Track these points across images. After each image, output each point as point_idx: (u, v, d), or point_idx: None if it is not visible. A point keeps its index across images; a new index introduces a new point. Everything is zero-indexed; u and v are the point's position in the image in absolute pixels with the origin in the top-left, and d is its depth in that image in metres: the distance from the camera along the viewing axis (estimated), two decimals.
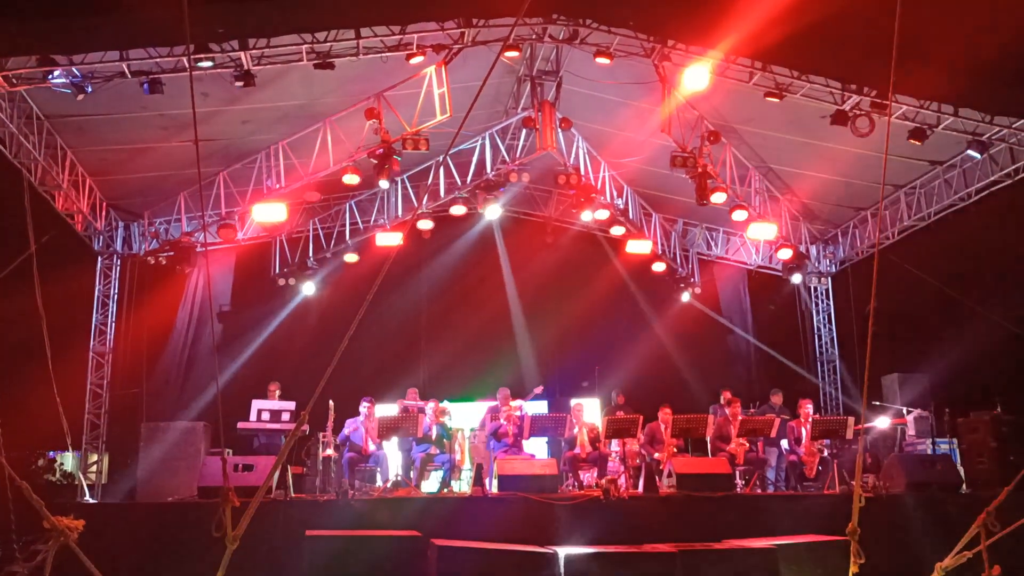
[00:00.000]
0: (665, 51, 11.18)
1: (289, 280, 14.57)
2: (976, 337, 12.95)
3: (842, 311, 16.41)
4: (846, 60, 10.59)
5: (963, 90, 10.78)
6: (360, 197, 14.52)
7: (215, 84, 10.46)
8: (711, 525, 8.75)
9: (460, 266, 15.48)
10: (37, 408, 10.62)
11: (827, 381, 16.37)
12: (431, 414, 11.11)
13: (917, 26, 4.90)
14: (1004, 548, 4.01)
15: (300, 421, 3.80)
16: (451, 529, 8.11)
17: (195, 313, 14.33)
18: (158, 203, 13.42)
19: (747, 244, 16.49)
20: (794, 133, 12.83)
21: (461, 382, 14.39)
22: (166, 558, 7.97)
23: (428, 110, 11.43)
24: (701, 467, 9.95)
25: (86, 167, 12.18)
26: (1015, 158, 12.10)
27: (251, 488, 6.00)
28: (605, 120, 13.42)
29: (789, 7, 8.55)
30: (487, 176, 13.43)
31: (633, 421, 10.73)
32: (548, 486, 9.22)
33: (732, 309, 16.94)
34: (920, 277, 13.26)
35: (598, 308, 15.67)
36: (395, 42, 10.62)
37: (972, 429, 11.32)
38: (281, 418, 10.62)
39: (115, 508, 9.73)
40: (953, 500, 9.51)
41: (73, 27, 8.93)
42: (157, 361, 13.98)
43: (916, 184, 13.87)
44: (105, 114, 10.88)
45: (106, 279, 13.73)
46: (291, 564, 7.64)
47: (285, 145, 12.41)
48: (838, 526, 4.36)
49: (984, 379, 12.91)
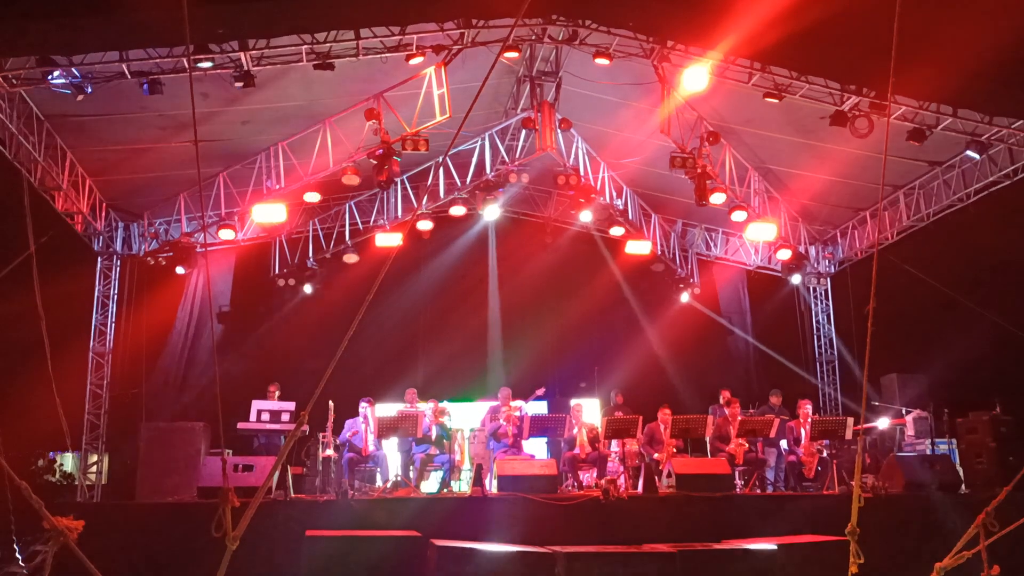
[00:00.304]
0: (664, 52, 11.19)
1: (289, 281, 14.56)
2: (975, 337, 12.96)
3: (841, 311, 16.43)
4: (845, 61, 10.60)
5: (962, 91, 10.79)
6: (360, 198, 14.52)
7: (215, 84, 10.46)
8: (710, 525, 8.76)
9: (460, 266, 15.49)
10: (37, 408, 10.64)
11: (826, 381, 16.38)
12: (431, 414, 11.12)
13: (916, 27, 4.91)
14: (1003, 548, 4.01)
15: (300, 421, 3.80)
16: (451, 529, 8.12)
17: (195, 313, 14.33)
18: (158, 203, 13.43)
19: (746, 245, 16.50)
20: (793, 134, 12.84)
21: (461, 382, 14.40)
22: (166, 558, 7.98)
23: (428, 111, 11.44)
24: (700, 467, 9.96)
25: (86, 167, 12.18)
26: (1014, 158, 12.12)
27: (251, 488, 6.02)
28: (604, 121, 13.42)
29: (788, 8, 8.55)
30: (487, 177, 13.43)
31: (632, 421, 10.74)
32: (547, 486, 9.23)
33: (731, 309, 16.96)
34: (919, 278, 13.27)
35: (597, 308, 15.68)
36: (395, 43, 10.62)
37: (971, 429, 11.34)
38: (281, 418, 10.61)
39: (115, 508, 9.72)
40: (952, 500, 9.52)
41: (73, 27, 8.93)
42: (157, 361, 13.98)
43: (915, 185, 13.89)
44: (105, 114, 10.89)
45: (106, 279, 13.73)
46: (291, 564, 7.65)
47: (285, 146, 12.41)
48: (837, 526, 4.36)
49: (983, 379, 12.91)
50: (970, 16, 8.63)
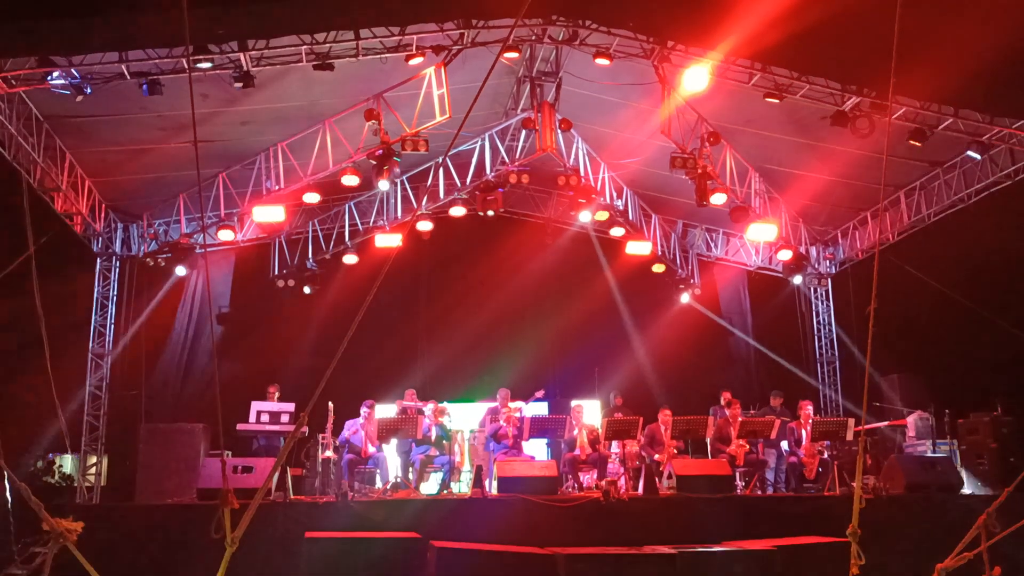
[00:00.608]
0: (665, 52, 11.17)
1: (288, 281, 14.54)
2: (976, 338, 12.96)
3: (842, 312, 16.42)
4: (846, 61, 10.58)
5: (963, 91, 10.78)
6: (359, 198, 14.51)
7: (214, 85, 10.45)
8: (711, 527, 8.75)
9: (459, 267, 15.48)
10: (36, 410, 10.65)
11: (827, 383, 16.36)
12: (430, 415, 11.11)
13: (917, 27, 4.90)
14: (1004, 549, 4.00)
15: (299, 423, 3.79)
16: (450, 531, 8.10)
17: (194, 314, 14.32)
18: (157, 204, 13.42)
19: (747, 245, 16.49)
20: (794, 134, 12.82)
21: (461, 383, 14.39)
22: (165, 560, 7.97)
23: (427, 111, 11.42)
24: (701, 468, 9.96)
25: (85, 168, 12.17)
26: (1015, 159, 12.10)
27: (250, 490, 6.00)
28: (605, 121, 13.41)
29: (789, 8, 8.55)
30: (487, 177, 13.42)
31: (633, 423, 10.73)
32: (548, 488, 9.22)
33: (732, 310, 16.94)
34: (920, 278, 13.25)
35: (598, 309, 15.67)
36: (394, 43, 10.61)
37: (972, 430, 11.33)
38: (280, 420, 10.60)
39: (114, 510, 9.71)
40: (953, 501, 9.51)
41: (72, 28, 8.91)
42: (156, 363, 13.96)
43: (916, 185, 13.88)
44: (104, 115, 10.88)
45: (105, 280, 13.71)
46: (290, 566, 7.64)
47: (284, 146, 12.39)
48: (838, 527, 4.35)
49: (984, 380, 12.91)
50: (970, 16, 8.63)
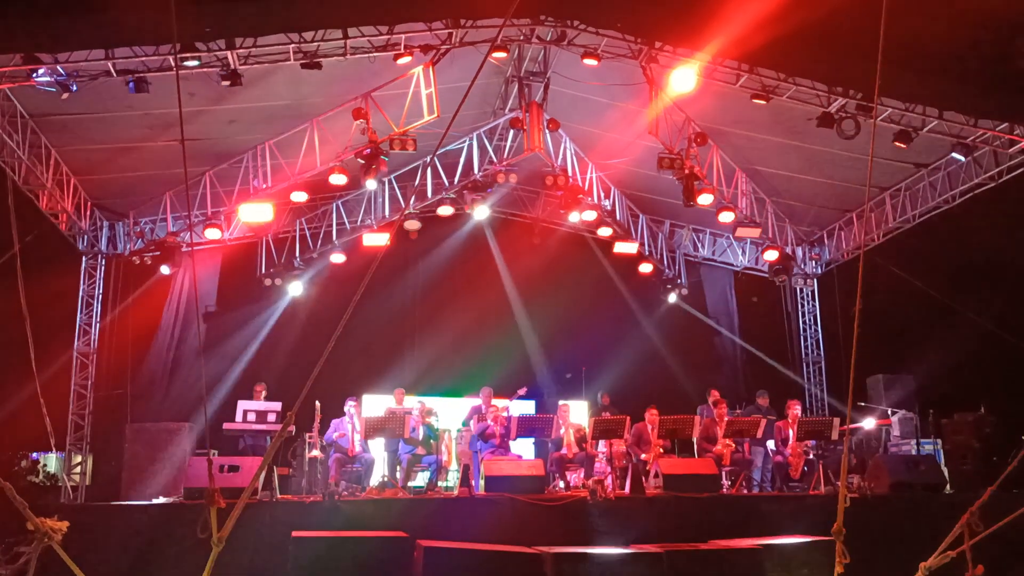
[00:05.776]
0: (652, 53, 11.20)
1: (275, 280, 14.52)
2: (960, 338, 13.05)
3: (828, 312, 16.51)
4: (832, 63, 10.66)
5: (948, 93, 10.87)
6: (347, 197, 14.47)
7: (201, 83, 10.39)
8: (697, 526, 8.77)
9: (447, 267, 15.46)
10: (20, 409, 10.56)
11: (812, 382, 16.45)
12: (417, 415, 11.10)
13: (902, 29, 4.94)
14: (987, 548, 4.03)
15: (286, 422, 3.79)
16: (438, 530, 8.09)
17: (180, 313, 14.23)
18: (143, 203, 13.33)
19: (734, 246, 16.56)
20: (780, 135, 12.89)
21: (447, 379, 14.39)
22: (151, 560, 7.92)
23: (415, 110, 11.40)
24: (687, 468, 9.99)
25: (70, 166, 12.08)
26: (999, 161, 12.21)
27: (237, 489, 5.98)
28: (593, 121, 13.44)
29: (775, 10, 8.60)
30: (474, 177, 13.41)
31: (620, 422, 10.74)
32: (535, 487, 9.23)
33: (719, 310, 17.01)
34: (905, 279, 13.35)
35: (585, 309, 15.69)
36: (383, 42, 10.60)
37: (956, 430, 11.42)
38: (267, 419, 10.57)
39: (100, 509, 9.65)
40: (937, 500, 9.58)
41: (58, 25, 8.86)
42: (142, 362, 13.88)
43: (901, 186, 13.97)
44: (90, 113, 10.81)
45: (90, 279, 13.61)
46: (277, 565, 7.61)
47: (272, 145, 12.35)
48: (823, 526, 4.38)
49: (968, 380, 13.01)
50: (955, 20, 8.69)
